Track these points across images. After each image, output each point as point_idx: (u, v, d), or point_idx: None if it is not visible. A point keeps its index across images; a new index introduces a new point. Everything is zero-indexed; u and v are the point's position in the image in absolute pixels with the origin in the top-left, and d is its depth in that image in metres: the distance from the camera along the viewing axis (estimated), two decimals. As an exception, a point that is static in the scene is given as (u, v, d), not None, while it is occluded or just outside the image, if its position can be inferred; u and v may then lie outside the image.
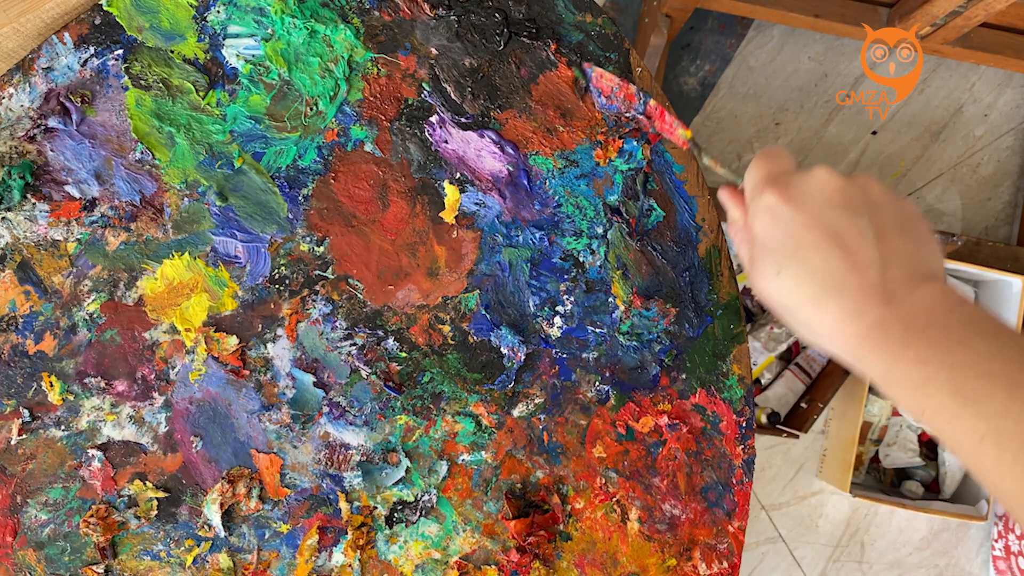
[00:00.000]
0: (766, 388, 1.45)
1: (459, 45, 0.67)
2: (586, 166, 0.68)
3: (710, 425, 0.69)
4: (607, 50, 0.68)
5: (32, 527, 0.66)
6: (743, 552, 1.45)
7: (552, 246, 0.68)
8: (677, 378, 0.69)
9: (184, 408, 0.66)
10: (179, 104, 0.66)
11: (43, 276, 0.65)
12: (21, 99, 0.64)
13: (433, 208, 0.67)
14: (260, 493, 0.67)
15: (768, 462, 1.52)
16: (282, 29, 0.65)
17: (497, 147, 0.67)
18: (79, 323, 0.65)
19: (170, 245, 0.66)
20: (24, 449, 0.65)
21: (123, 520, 0.66)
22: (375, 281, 0.67)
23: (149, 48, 0.65)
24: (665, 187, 0.69)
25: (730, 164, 1.50)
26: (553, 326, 0.68)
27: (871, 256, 0.40)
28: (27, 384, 0.65)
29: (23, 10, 0.62)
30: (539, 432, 0.68)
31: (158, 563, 0.66)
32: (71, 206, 0.65)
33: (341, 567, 0.67)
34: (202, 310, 0.66)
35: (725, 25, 1.49)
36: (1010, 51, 1.31)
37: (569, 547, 0.68)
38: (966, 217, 1.55)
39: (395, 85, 0.67)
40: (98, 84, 0.65)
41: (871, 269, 0.40)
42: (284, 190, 0.66)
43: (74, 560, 0.66)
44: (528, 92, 0.68)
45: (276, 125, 0.66)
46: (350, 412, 0.67)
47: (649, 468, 0.69)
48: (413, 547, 0.68)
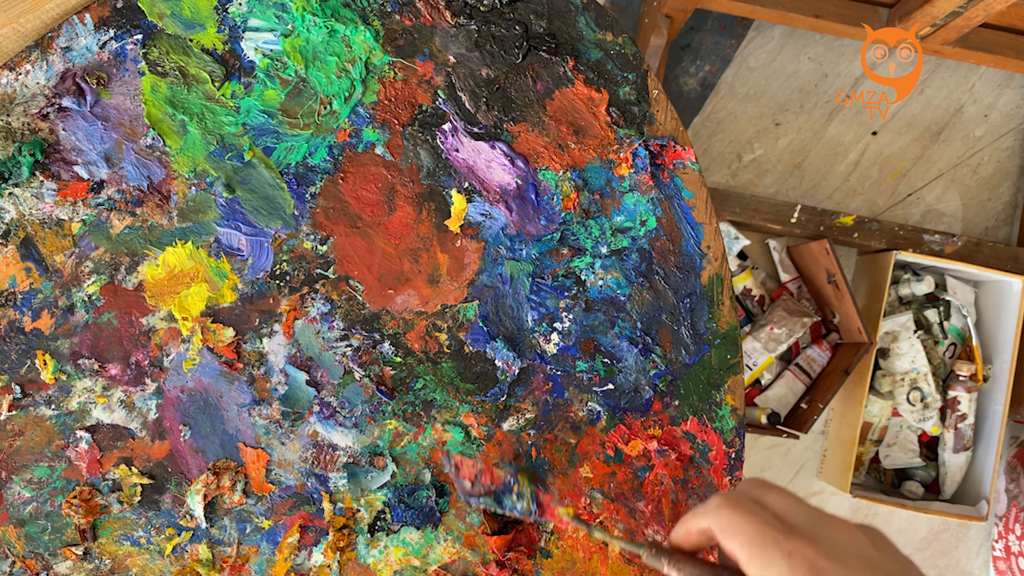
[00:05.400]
0: (766, 389, 1.45)
1: (477, 55, 0.67)
2: (596, 184, 0.68)
3: (699, 454, 0.69)
4: (625, 70, 0.68)
5: (15, 504, 0.66)
6: None
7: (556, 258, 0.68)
8: (670, 404, 0.69)
9: (175, 396, 0.66)
10: (194, 93, 0.66)
11: (45, 254, 0.65)
12: (37, 76, 0.64)
13: (439, 215, 0.67)
14: (244, 487, 0.67)
15: (768, 462, 1.52)
16: (302, 26, 0.65)
17: (508, 159, 0.67)
18: (77, 304, 0.65)
19: (174, 233, 0.66)
20: (12, 425, 0.65)
21: (106, 504, 0.66)
22: (375, 284, 0.67)
23: (168, 35, 0.65)
24: (672, 212, 0.69)
25: (729, 165, 1.49)
26: (550, 342, 0.68)
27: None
28: (21, 361, 0.65)
29: (23, 11, 0.62)
30: (527, 447, 0.68)
31: (137, 549, 0.66)
32: (78, 186, 0.65)
33: (320, 567, 0.67)
34: (201, 300, 0.66)
35: (725, 25, 1.49)
36: (1010, 51, 1.31)
37: (549, 564, 0.68)
38: (966, 217, 1.55)
39: (411, 90, 0.67)
40: (115, 67, 0.65)
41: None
42: (292, 186, 0.66)
43: (54, 540, 0.66)
44: (543, 107, 0.68)
45: (289, 121, 0.66)
46: (340, 413, 0.67)
47: (635, 492, 0.68)
48: (393, 553, 0.67)
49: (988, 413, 1.42)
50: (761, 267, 1.50)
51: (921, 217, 1.54)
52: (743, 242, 1.42)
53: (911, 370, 1.43)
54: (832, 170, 1.53)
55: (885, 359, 1.44)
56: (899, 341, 1.43)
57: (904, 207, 1.54)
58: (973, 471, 1.44)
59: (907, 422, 1.46)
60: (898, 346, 1.43)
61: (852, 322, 1.36)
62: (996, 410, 1.40)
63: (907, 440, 1.47)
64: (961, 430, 1.43)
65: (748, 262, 1.47)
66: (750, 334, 1.42)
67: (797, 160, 1.53)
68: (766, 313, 1.45)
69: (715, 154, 1.51)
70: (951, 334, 1.46)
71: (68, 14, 0.64)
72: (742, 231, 1.44)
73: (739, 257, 1.46)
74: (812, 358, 1.44)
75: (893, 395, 1.44)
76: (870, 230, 1.41)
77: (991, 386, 1.42)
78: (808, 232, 1.41)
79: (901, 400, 1.43)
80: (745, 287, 1.46)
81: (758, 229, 1.45)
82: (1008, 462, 1.52)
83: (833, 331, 1.45)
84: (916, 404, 1.42)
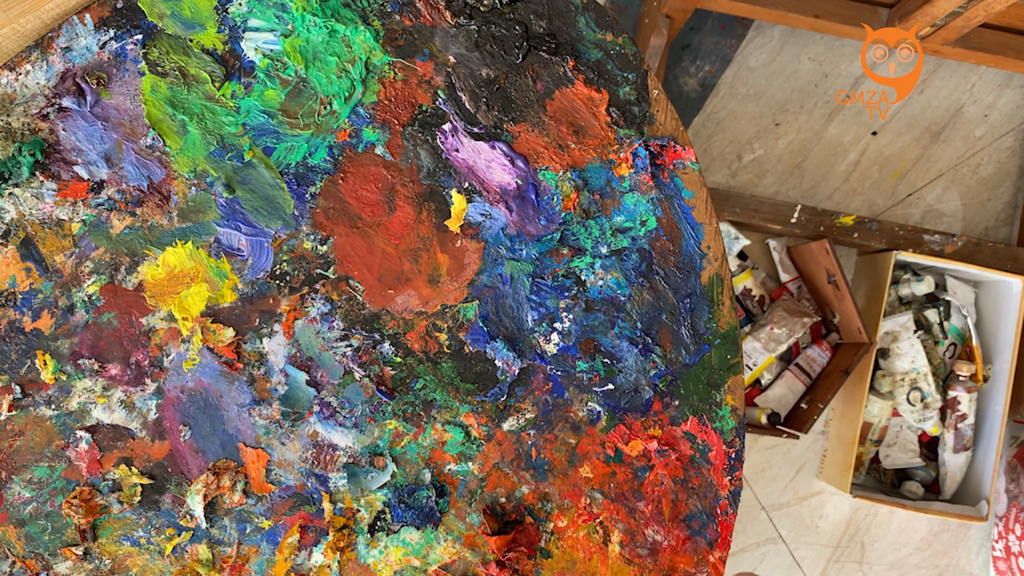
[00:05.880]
0: (766, 389, 1.45)
1: (477, 55, 0.67)
2: (596, 184, 0.68)
3: (699, 454, 0.69)
4: (625, 70, 0.68)
5: (15, 504, 0.66)
6: (743, 553, 1.45)
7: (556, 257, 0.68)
8: (670, 404, 0.69)
9: (175, 396, 0.66)
10: (194, 93, 0.66)
11: (45, 254, 0.65)
12: (37, 76, 0.64)
13: (439, 215, 0.67)
14: (244, 487, 0.67)
15: (768, 463, 1.52)
16: (302, 26, 0.65)
17: (508, 159, 0.67)
18: (77, 304, 0.65)
19: (174, 233, 0.66)
20: (13, 425, 0.65)
21: (106, 504, 0.66)
22: (376, 284, 0.67)
23: (168, 35, 0.65)
24: (672, 212, 0.69)
25: (729, 165, 1.50)
26: (550, 343, 0.68)
27: None
28: (21, 361, 0.65)
29: (23, 11, 0.62)
30: (527, 447, 0.68)
31: (137, 549, 0.66)
32: (78, 187, 0.65)
33: (320, 567, 0.67)
34: (201, 300, 0.66)
35: (725, 26, 1.49)
36: (1010, 51, 1.31)
37: (549, 564, 0.68)
38: (966, 217, 1.55)
39: (411, 90, 0.67)
40: (115, 67, 0.65)
41: None
42: (292, 187, 0.66)
43: (54, 540, 0.66)
44: (543, 107, 0.68)
45: (289, 121, 0.66)
46: (340, 413, 0.67)
47: (635, 492, 0.68)
48: (393, 553, 0.67)
49: (988, 413, 1.42)
50: (761, 267, 1.50)
51: (921, 217, 1.54)
52: (743, 242, 1.42)
53: (911, 370, 1.43)
54: (832, 170, 1.53)
55: (885, 359, 1.44)
56: (899, 341, 1.43)
57: (904, 207, 1.54)
58: (973, 471, 1.44)
59: (907, 422, 1.46)
60: (898, 346, 1.43)
61: (852, 322, 1.36)
62: (996, 410, 1.40)
63: (907, 440, 1.47)
64: (961, 430, 1.43)
65: (748, 262, 1.47)
66: (750, 334, 1.42)
67: (797, 160, 1.53)
68: (766, 313, 1.45)
69: (715, 154, 1.51)
70: (951, 334, 1.46)
71: (68, 14, 0.64)
72: (742, 231, 1.44)
73: (739, 257, 1.46)
74: (812, 358, 1.44)
75: (893, 395, 1.44)
76: (870, 230, 1.41)
77: (991, 386, 1.42)
78: (808, 232, 1.41)
79: (901, 400, 1.43)
80: (745, 287, 1.46)
81: (758, 229, 1.45)
82: (1008, 462, 1.52)
83: (833, 331, 1.45)
84: (916, 404, 1.42)
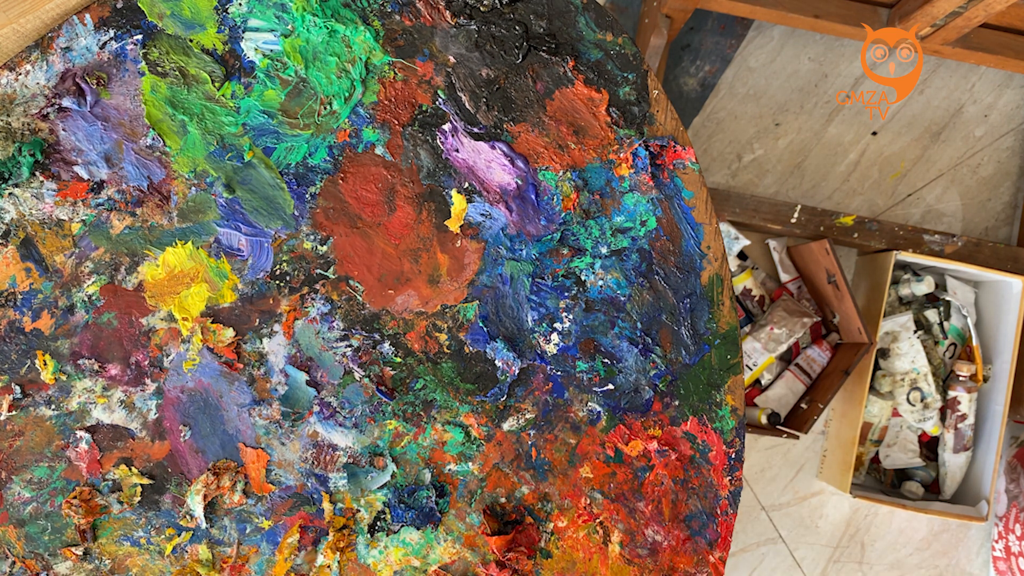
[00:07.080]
0: (766, 389, 1.45)
1: (477, 55, 0.67)
2: (596, 184, 0.68)
3: (699, 454, 0.69)
4: (625, 70, 0.68)
5: (15, 504, 0.66)
6: (743, 553, 1.45)
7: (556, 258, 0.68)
8: (670, 404, 0.69)
9: (175, 396, 0.66)
10: (194, 93, 0.66)
11: (45, 254, 0.65)
12: (37, 77, 0.64)
13: (439, 216, 0.67)
14: (244, 487, 0.67)
15: (768, 463, 1.52)
16: (302, 26, 0.65)
17: (508, 160, 0.67)
18: (77, 304, 0.65)
19: (174, 233, 0.66)
20: (13, 425, 0.65)
21: (106, 504, 0.66)
22: (376, 284, 0.67)
23: (168, 35, 0.65)
24: (672, 212, 0.69)
25: (729, 165, 1.51)
26: (550, 343, 0.68)
27: None
28: (21, 361, 0.65)
29: (23, 11, 0.62)
30: (527, 447, 0.68)
31: (137, 549, 0.66)
32: (78, 187, 0.65)
33: (320, 567, 0.67)
34: (201, 300, 0.66)
35: (725, 26, 1.49)
36: (1010, 51, 1.31)
37: (549, 564, 0.68)
38: (966, 217, 1.55)
39: (411, 90, 0.67)
40: (115, 67, 0.65)
41: None
42: (292, 187, 0.66)
43: (54, 540, 0.66)
44: (543, 107, 0.68)
45: (289, 121, 0.66)
46: (340, 413, 0.67)
47: (635, 492, 0.68)
48: (393, 553, 0.67)
49: (988, 413, 1.42)
50: (761, 267, 1.50)
51: (921, 217, 1.54)
52: (743, 242, 1.42)
53: (911, 370, 1.43)
54: (832, 170, 1.53)
55: (885, 359, 1.44)
56: (899, 341, 1.43)
57: (904, 207, 1.54)
58: (973, 471, 1.44)
59: (907, 422, 1.46)
60: (898, 346, 1.43)
61: (852, 322, 1.36)
62: (996, 410, 1.40)
63: (907, 440, 1.47)
64: (961, 430, 1.43)
65: (748, 262, 1.47)
66: (750, 334, 1.42)
67: (797, 160, 1.53)
68: (766, 313, 1.45)
69: (715, 154, 1.51)
70: (951, 334, 1.46)
71: (68, 14, 0.64)
72: (742, 231, 1.44)
73: (739, 257, 1.46)
74: (812, 358, 1.44)
75: (893, 395, 1.44)
76: (870, 230, 1.41)
77: (991, 386, 1.42)
78: (808, 232, 1.41)
79: (901, 400, 1.43)
80: (745, 287, 1.46)
81: (758, 229, 1.45)
82: (1008, 462, 1.52)
83: (833, 331, 1.45)
84: (916, 404, 1.42)
